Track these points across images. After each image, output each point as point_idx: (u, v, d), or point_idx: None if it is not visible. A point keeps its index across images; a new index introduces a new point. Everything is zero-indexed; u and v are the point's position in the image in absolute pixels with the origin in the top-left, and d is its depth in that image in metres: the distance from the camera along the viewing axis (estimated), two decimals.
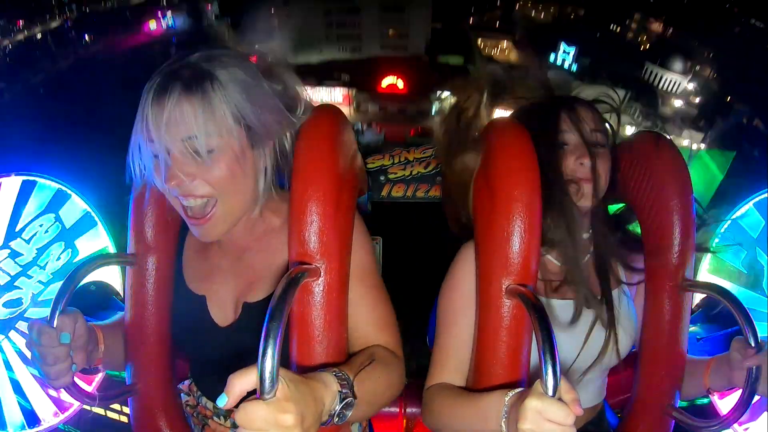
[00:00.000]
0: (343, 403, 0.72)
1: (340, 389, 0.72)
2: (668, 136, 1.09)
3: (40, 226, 1.53)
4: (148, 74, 0.87)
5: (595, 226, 1.11)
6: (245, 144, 0.88)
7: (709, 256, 1.50)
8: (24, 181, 1.53)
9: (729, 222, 1.48)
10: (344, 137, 0.94)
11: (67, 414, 1.51)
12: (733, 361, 0.95)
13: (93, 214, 1.55)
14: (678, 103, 27.68)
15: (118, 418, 1.96)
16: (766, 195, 1.46)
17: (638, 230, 1.13)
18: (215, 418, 1.05)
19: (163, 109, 0.82)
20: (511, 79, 1.17)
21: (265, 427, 0.58)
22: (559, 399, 0.66)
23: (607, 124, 1.09)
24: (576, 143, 1.03)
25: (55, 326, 0.85)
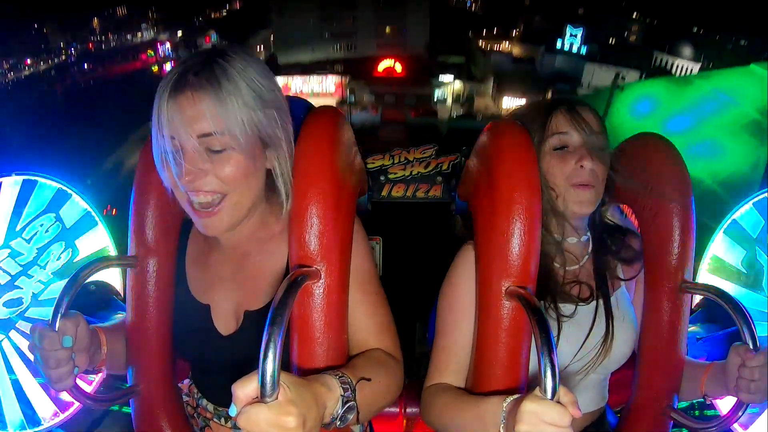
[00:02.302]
0: (346, 406, 0.72)
1: (342, 393, 0.73)
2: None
3: (41, 225, 1.52)
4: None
5: (593, 228, 1.12)
6: (258, 144, 0.89)
7: (708, 255, 1.50)
8: (24, 181, 1.53)
9: (729, 221, 1.49)
10: (344, 139, 0.94)
11: (67, 414, 1.51)
12: (730, 369, 0.95)
13: (93, 213, 1.55)
14: None
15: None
16: (766, 195, 1.46)
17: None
18: (216, 420, 1.06)
19: (180, 105, 0.83)
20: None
21: (267, 429, 0.59)
22: (557, 401, 0.66)
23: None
24: (577, 145, 1.03)
25: (56, 329, 0.85)
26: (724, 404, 1.37)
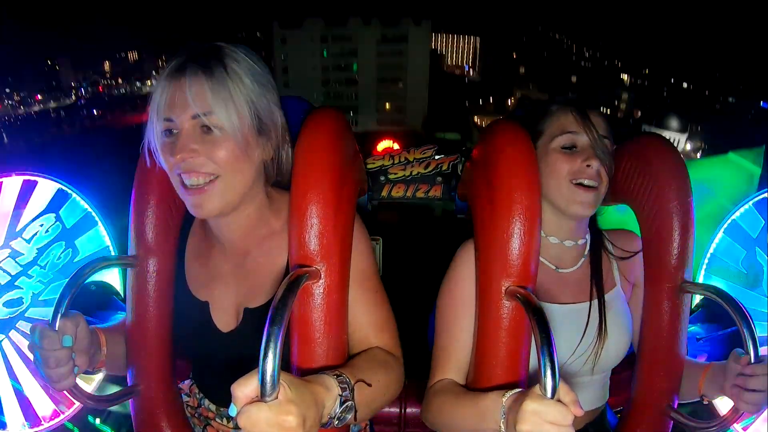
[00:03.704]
0: (344, 406, 0.72)
1: (340, 393, 0.72)
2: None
3: (41, 225, 1.52)
4: None
5: (592, 229, 1.13)
6: (252, 130, 0.91)
7: (709, 255, 1.50)
8: (24, 181, 1.53)
9: (729, 221, 1.49)
10: (344, 139, 0.94)
11: (67, 414, 1.51)
12: (729, 374, 0.94)
13: (93, 214, 1.55)
14: None
15: None
16: (766, 195, 1.46)
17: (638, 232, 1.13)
18: (218, 420, 1.06)
19: (179, 86, 0.86)
20: None
21: (267, 429, 0.59)
22: (558, 400, 0.67)
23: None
24: (585, 145, 1.04)
25: (56, 329, 0.85)
26: (724, 404, 1.37)
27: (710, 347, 1.38)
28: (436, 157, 1.44)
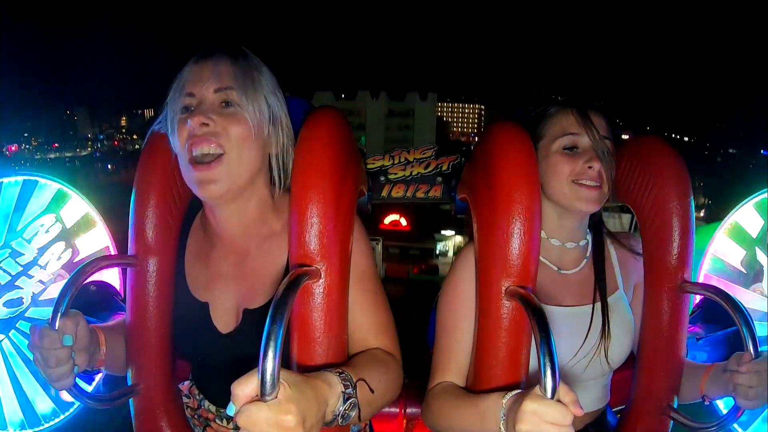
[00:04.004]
0: (347, 403, 0.72)
1: (343, 390, 0.72)
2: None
3: (41, 225, 1.52)
4: None
5: (594, 231, 1.13)
6: (265, 119, 0.96)
7: (708, 255, 1.50)
8: (25, 181, 1.53)
9: (729, 221, 1.49)
10: (344, 139, 0.94)
11: (67, 414, 1.51)
12: (731, 374, 0.94)
13: (93, 213, 1.55)
14: None
15: None
16: (765, 195, 1.46)
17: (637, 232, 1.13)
18: (218, 421, 1.06)
19: (204, 65, 0.93)
20: None
21: (266, 428, 0.58)
22: (558, 401, 0.66)
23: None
24: (586, 147, 1.04)
25: (56, 328, 0.85)
26: (724, 404, 1.37)
27: (710, 347, 1.38)
28: (436, 157, 1.44)
